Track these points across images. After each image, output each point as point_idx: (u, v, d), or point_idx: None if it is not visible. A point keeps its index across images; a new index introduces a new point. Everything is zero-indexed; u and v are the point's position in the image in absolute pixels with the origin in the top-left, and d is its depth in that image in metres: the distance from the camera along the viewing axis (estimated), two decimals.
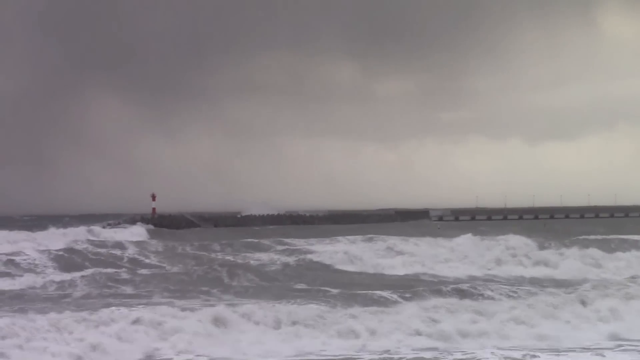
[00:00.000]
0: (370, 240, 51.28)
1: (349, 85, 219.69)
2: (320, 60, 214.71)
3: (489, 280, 36.96)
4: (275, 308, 24.89)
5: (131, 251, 47.39)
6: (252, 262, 43.64)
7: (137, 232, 69.59)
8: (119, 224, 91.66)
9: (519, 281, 37.30)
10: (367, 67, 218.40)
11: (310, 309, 24.87)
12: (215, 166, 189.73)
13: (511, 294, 29.38)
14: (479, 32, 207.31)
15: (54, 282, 34.45)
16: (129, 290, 32.74)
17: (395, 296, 28.19)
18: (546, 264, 43.98)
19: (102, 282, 34.30)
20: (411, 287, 31.60)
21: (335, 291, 31.18)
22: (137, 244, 51.74)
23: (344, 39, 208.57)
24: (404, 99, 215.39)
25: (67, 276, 35.83)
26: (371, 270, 42.59)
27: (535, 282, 36.75)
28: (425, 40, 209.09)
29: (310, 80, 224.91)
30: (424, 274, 41.38)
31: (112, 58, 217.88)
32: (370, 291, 29.55)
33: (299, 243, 53.26)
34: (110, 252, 46.52)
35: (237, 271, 37.27)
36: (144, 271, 39.23)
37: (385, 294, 28.59)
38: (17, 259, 41.10)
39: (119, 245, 50.13)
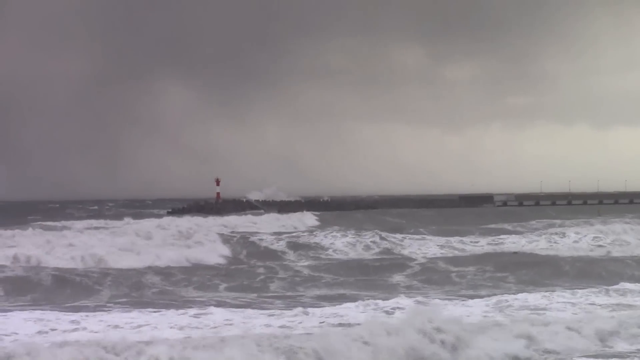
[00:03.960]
0: None
1: (417, 70, 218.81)
2: (388, 45, 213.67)
3: None
4: None
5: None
6: None
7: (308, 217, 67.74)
8: (185, 208, 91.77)
9: None
10: (434, 52, 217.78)
11: None
12: (280, 151, 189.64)
13: None
14: (550, 17, 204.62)
15: None
16: None
17: None
18: None
19: None
20: None
21: None
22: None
23: (412, 23, 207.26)
24: (471, 83, 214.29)
25: None
26: None
27: None
28: (494, 24, 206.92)
29: (377, 65, 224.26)
30: None
31: (179, 44, 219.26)
32: None
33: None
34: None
35: None
36: None
37: None
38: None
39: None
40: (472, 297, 24.02)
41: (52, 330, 17.57)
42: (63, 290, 26.29)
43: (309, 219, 65.02)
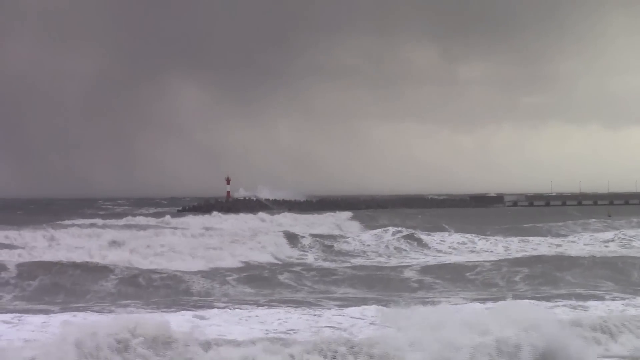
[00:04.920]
0: None
1: (430, 69, 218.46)
2: (401, 44, 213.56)
3: None
4: None
5: None
6: None
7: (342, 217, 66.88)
8: (195, 207, 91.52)
9: None
10: (448, 51, 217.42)
11: None
12: (293, 150, 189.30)
13: None
14: (564, 18, 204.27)
15: None
16: None
17: None
18: None
19: None
20: None
21: None
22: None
23: (426, 23, 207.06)
24: (484, 83, 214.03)
25: None
26: None
27: None
28: (509, 25, 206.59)
29: (390, 64, 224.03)
30: None
31: (192, 42, 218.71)
32: None
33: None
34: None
35: None
36: None
37: None
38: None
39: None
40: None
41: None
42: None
43: (342, 218, 64.63)
